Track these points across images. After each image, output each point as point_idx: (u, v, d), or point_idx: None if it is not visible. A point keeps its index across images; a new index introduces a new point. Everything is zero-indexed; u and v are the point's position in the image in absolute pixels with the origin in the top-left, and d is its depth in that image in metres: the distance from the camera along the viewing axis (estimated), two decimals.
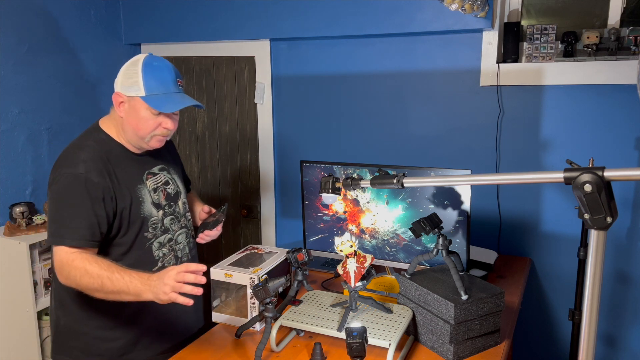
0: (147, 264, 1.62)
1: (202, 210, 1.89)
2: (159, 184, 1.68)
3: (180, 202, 1.75)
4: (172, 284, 1.33)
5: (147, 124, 1.53)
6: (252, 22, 2.64)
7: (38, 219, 2.40)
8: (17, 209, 2.36)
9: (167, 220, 1.68)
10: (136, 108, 1.52)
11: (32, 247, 2.30)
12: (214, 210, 1.88)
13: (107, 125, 1.62)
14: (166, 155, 1.77)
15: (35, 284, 2.34)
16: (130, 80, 1.51)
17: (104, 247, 1.55)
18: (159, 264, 1.66)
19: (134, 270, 1.42)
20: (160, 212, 1.66)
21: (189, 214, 1.81)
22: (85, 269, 1.41)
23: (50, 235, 1.48)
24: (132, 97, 1.52)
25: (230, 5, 2.67)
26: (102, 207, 1.50)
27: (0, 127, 2.46)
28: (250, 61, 2.82)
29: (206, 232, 1.78)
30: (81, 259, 1.43)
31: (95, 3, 2.86)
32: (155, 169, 1.69)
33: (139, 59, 1.53)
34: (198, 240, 1.81)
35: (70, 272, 1.42)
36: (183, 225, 1.76)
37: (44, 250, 2.50)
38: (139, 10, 2.95)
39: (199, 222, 1.87)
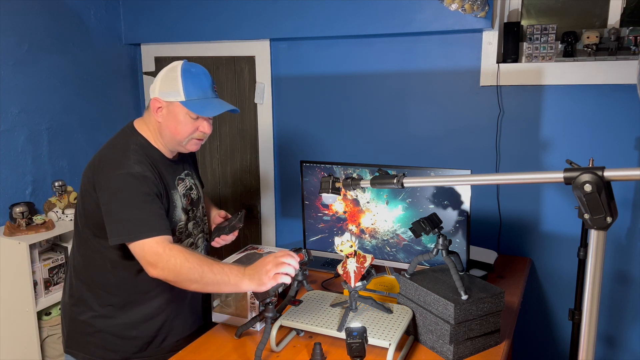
0: None
1: (218, 215, 1.92)
2: (186, 189, 1.71)
3: (200, 207, 1.79)
4: (274, 263, 1.44)
5: (185, 127, 1.57)
6: (252, 22, 2.64)
7: (38, 219, 2.40)
8: (17, 209, 2.36)
9: (190, 225, 1.71)
10: (175, 113, 1.56)
11: (32, 247, 2.30)
12: (230, 216, 1.90)
13: (143, 129, 1.63)
14: (189, 160, 1.81)
15: (35, 284, 2.34)
16: (169, 85, 1.55)
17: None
18: None
19: (229, 264, 1.49)
20: (185, 217, 1.68)
21: (206, 217, 1.84)
22: (186, 258, 1.42)
23: (125, 234, 1.46)
24: (171, 102, 1.55)
25: (230, 5, 2.67)
26: (161, 203, 1.54)
27: (0, 127, 2.46)
28: (250, 61, 2.82)
29: (222, 236, 1.81)
30: (178, 249, 1.45)
31: (95, 3, 2.86)
32: (183, 175, 1.72)
33: (176, 66, 1.57)
34: (213, 244, 1.84)
35: (170, 260, 1.42)
36: (202, 229, 1.79)
37: (44, 250, 2.50)
38: (139, 10, 2.95)
39: (214, 226, 1.90)
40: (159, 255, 1.43)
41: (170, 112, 1.56)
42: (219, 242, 1.82)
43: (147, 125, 1.63)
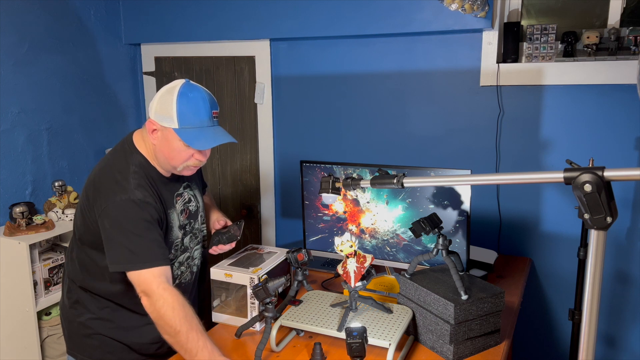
0: None
1: (217, 221, 1.88)
2: (184, 204, 1.68)
3: (199, 217, 1.76)
4: None
5: (179, 155, 1.52)
6: (252, 22, 2.64)
7: (38, 219, 2.40)
8: (17, 209, 2.36)
9: (186, 240, 1.69)
10: (169, 139, 1.50)
11: (32, 247, 2.30)
12: (229, 223, 1.88)
13: (141, 146, 1.59)
14: None
15: (35, 284, 2.34)
16: (164, 109, 1.48)
17: None
18: (177, 281, 1.69)
19: (208, 338, 1.40)
20: (182, 232, 1.66)
21: (204, 225, 1.81)
22: (173, 307, 1.39)
23: (125, 262, 1.44)
24: (166, 128, 1.49)
25: (230, 5, 2.67)
26: (161, 229, 1.52)
27: (0, 127, 2.46)
28: (250, 61, 2.82)
29: (220, 246, 1.79)
30: (171, 293, 1.41)
31: (95, 3, 2.86)
32: (181, 189, 1.68)
33: (175, 87, 1.49)
34: (211, 251, 1.82)
35: (159, 301, 1.40)
36: (199, 240, 1.77)
37: (44, 250, 2.50)
38: (139, 10, 2.95)
39: (213, 230, 1.88)
40: (152, 291, 1.42)
41: (165, 136, 1.50)
42: (216, 250, 1.81)
43: (145, 143, 1.58)
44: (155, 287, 1.41)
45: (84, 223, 1.57)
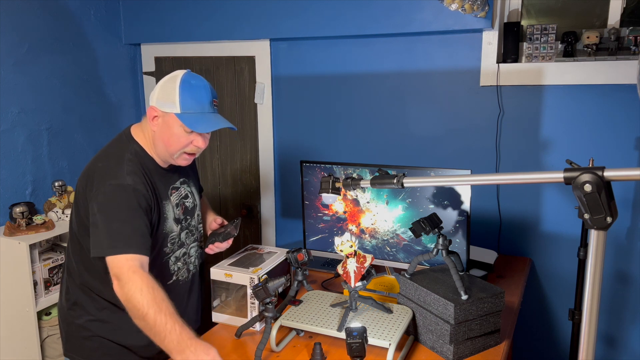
0: (162, 277, 1.63)
1: (214, 221, 1.89)
2: (180, 198, 1.69)
3: (195, 215, 1.76)
4: None
5: (178, 140, 1.54)
6: (252, 22, 2.64)
7: (38, 219, 2.40)
8: (17, 209, 2.36)
9: (183, 235, 1.69)
10: (169, 124, 1.53)
11: (32, 247, 2.30)
12: (226, 222, 1.89)
13: (139, 136, 1.61)
14: (187, 166, 1.77)
15: (35, 284, 2.34)
16: (166, 96, 1.52)
17: None
18: (174, 277, 1.69)
19: (179, 320, 1.36)
20: (179, 226, 1.67)
21: (201, 225, 1.82)
22: (141, 290, 1.37)
23: (105, 247, 1.43)
24: (167, 113, 1.52)
25: (230, 5, 2.67)
26: (149, 218, 1.52)
27: (0, 127, 2.46)
28: (250, 61, 2.82)
29: (217, 244, 1.80)
30: (141, 277, 1.38)
31: (95, 3, 2.86)
32: (178, 183, 1.70)
33: (177, 75, 1.53)
34: (207, 250, 1.82)
35: (127, 283, 1.38)
36: (196, 238, 1.77)
37: (44, 250, 2.50)
38: (139, 10, 2.95)
39: (209, 232, 1.88)
40: (122, 273, 1.40)
41: (165, 122, 1.53)
42: (212, 249, 1.81)
43: (143, 133, 1.61)
44: (126, 270, 1.40)
45: (79, 218, 1.57)
